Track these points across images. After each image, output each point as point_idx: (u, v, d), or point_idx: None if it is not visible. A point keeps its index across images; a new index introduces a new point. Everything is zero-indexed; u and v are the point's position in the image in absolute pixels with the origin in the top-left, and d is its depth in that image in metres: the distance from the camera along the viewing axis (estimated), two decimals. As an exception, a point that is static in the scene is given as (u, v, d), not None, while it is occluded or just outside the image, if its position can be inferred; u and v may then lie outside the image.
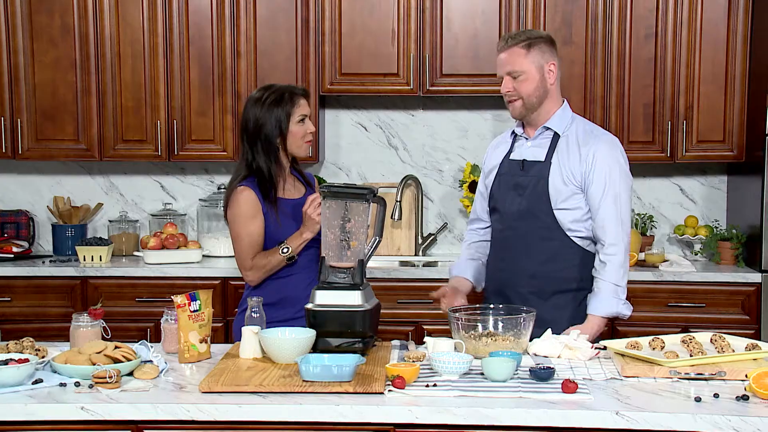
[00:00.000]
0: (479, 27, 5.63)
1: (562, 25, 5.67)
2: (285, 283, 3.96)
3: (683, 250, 6.09)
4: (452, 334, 3.48)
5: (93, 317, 3.45)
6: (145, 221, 6.24)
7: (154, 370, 3.15)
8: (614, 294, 3.75)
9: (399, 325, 5.41)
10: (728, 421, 2.75)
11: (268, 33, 5.75)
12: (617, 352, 3.36)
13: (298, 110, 3.94)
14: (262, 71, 5.76)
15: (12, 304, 5.59)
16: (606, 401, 2.91)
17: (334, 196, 3.42)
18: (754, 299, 5.38)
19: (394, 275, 5.55)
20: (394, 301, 5.49)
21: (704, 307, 5.41)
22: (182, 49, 5.78)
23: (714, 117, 5.66)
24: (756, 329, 5.36)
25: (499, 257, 3.97)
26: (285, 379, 3.04)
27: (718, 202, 6.09)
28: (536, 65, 3.78)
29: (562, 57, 5.57)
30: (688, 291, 5.43)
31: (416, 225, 6.13)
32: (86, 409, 2.85)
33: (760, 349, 3.31)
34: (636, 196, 6.12)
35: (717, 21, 5.61)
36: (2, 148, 5.86)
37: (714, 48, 5.62)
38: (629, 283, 5.27)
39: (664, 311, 5.42)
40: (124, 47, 5.79)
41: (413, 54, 5.71)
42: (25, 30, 5.79)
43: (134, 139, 5.85)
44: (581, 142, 3.81)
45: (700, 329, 4.65)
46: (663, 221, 6.14)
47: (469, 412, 2.83)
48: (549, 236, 3.82)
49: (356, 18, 5.73)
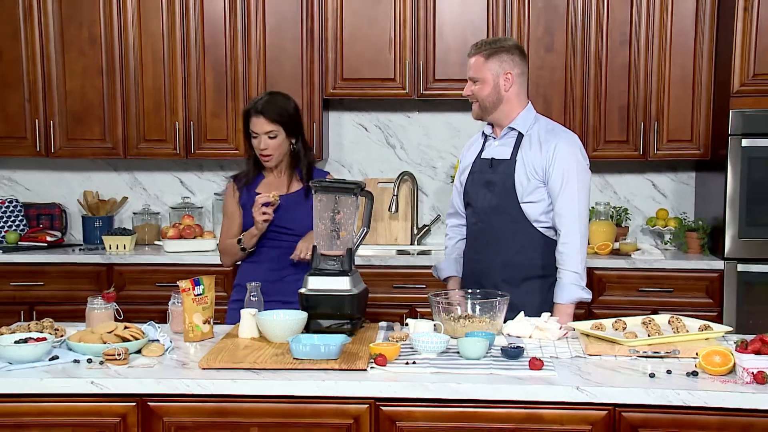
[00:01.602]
0: (469, 36, 5.60)
1: (545, 35, 5.65)
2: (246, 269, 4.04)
3: (655, 240, 6.07)
4: (433, 316, 3.48)
5: (106, 300, 3.46)
6: (165, 213, 6.25)
7: (160, 348, 3.16)
8: (575, 281, 3.72)
9: (394, 308, 5.40)
10: (677, 395, 2.75)
11: (276, 42, 5.75)
12: (583, 333, 3.35)
13: (249, 124, 3.92)
14: (270, 76, 5.76)
15: (45, 288, 5.61)
16: (569, 377, 2.90)
17: (325, 191, 3.42)
18: (717, 284, 5.36)
19: (390, 263, 5.54)
20: (390, 286, 5.49)
21: (672, 291, 5.39)
22: (198, 56, 5.78)
23: (682, 118, 5.63)
24: (718, 311, 5.34)
25: (474, 249, 3.97)
26: (277, 357, 3.05)
27: (687, 196, 6.07)
28: (493, 73, 3.78)
29: (545, 63, 5.64)
30: (657, 277, 5.41)
31: (412, 217, 6.13)
32: (96, 384, 2.86)
33: (712, 329, 3.30)
34: (612, 190, 6.11)
35: (685, 31, 5.58)
36: (37, 147, 5.89)
37: (683, 55, 5.60)
38: (604, 270, 5.42)
39: (635, 296, 5.41)
40: (146, 55, 5.80)
41: (408, 61, 5.70)
42: (57, 41, 5.81)
43: (155, 138, 5.85)
44: (543, 139, 3.80)
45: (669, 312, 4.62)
46: (637, 214, 6.13)
47: (442, 387, 2.83)
48: (518, 228, 3.81)
49: (356, 28, 5.72)
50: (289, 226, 3.91)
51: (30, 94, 5.85)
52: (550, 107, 5.63)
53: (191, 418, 2.89)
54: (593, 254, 5.56)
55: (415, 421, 2.86)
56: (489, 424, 2.84)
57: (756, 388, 2.75)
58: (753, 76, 5.27)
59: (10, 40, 5.81)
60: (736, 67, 5.28)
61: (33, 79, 5.83)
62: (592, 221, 5.70)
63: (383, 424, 2.87)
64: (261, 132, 3.89)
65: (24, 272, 5.62)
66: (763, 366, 2.79)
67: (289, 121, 3.92)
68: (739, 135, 5.26)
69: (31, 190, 6.35)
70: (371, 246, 6.04)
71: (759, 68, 5.27)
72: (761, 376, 2.78)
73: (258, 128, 3.88)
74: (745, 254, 5.33)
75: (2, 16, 5.80)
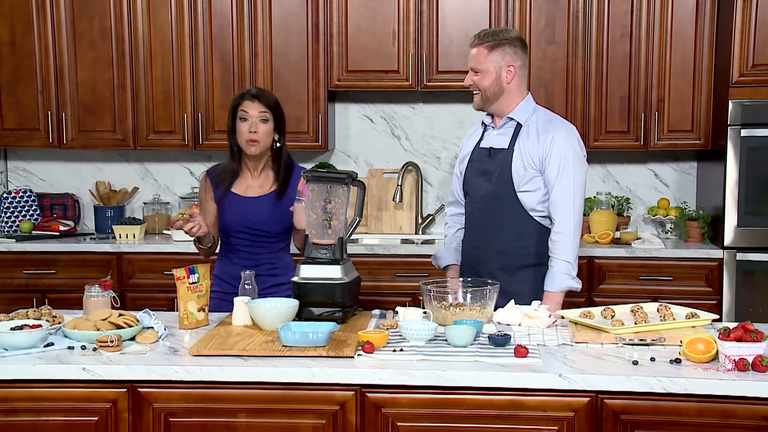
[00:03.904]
0: (471, 28, 5.54)
1: (546, 26, 5.61)
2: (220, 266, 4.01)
3: (656, 229, 6.02)
4: (424, 304, 3.46)
5: (103, 288, 3.45)
6: (175, 203, 6.25)
7: (154, 335, 3.15)
8: (566, 271, 3.69)
9: (397, 296, 5.37)
10: (659, 382, 2.72)
11: (282, 35, 5.73)
12: (571, 321, 3.33)
13: (240, 107, 3.84)
14: (276, 69, 5.75)
15: (57, 276, 5.63)
16: (553, 364, 2.87)
17: (317, 180, 3.40)
18: (716, 273, 5.32)
19: (393, 251, 5.52)
20: (393, 275, 5.47)
21: (672, 280, 5.35)
22: (206, 49, 5.77)
23: (683, 109, 5.58)
24: (718, 300, 5.30)
25: (471, 237, 3.95)
26: (267, 344, 3.03)
27: (688, 186, 6.02)
28: (495, 65, 3.75)
29: (547, 55, 5.61)
30: (657, 266, 5.37)
31: (416, 207, 6.10)
32: (87, 370, 2.85)
33: (699, 317, 3.26)
34: (614, 180, 6.06)
35: (686, 22, 5.53)
36: (50, 138, 5.90)
37: (683, 46, 5.55)
38: (604, 259, 5.38)
39: (635, 284, 5.36)
40: (155, 48, 5.80)
41: (412, 53, 5.67)
42: (69, 34, 5.82)
43: (164, 130, 5.86)
44: (540, 130, 3.77)
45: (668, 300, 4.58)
46: (639, 203, 6.08)
47: (428, 375, 2.80)
48: (514, 217, 3.78)
49: (361, 21, 5.69)
50: (264, 228, 3.87)
51: (43, 86, 5.86)
52: (551, 98, 5.59)
53: (181, 404, 2.88)
54: (594, 243, 5.52)
55: (400, 408, 2.84)
56: (473, 411, 2.81)
57: (737, 375, 2.72)
58: (752, 66, 5.22)
59: (23, 34, 5.83)
60: (736, 58, 5.22)
61: (45, 71, 5.85)
62: (593, 211, 5.67)
63: (369, 411, 2.85)
64: (254, 114, 3.82)
65: (37, 261, 5.64)
66: (745, 353, 2.76)
67: (279, 112, 3.89)
68: (738, 125, 5.20)
69: (45, 181, 6.36)
70: (376, 235, 6.03)
71: (758, 59, 5.21)
72: (742, 363, 2.74)
73: (252, 110, 3.82)
74: (744, 243, 5.28)
75: (16, 11, 5.81)
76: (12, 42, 5.84)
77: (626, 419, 2.77)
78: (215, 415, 2.88)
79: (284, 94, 5.66)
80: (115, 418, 2.89)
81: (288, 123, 5.68)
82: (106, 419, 2.89)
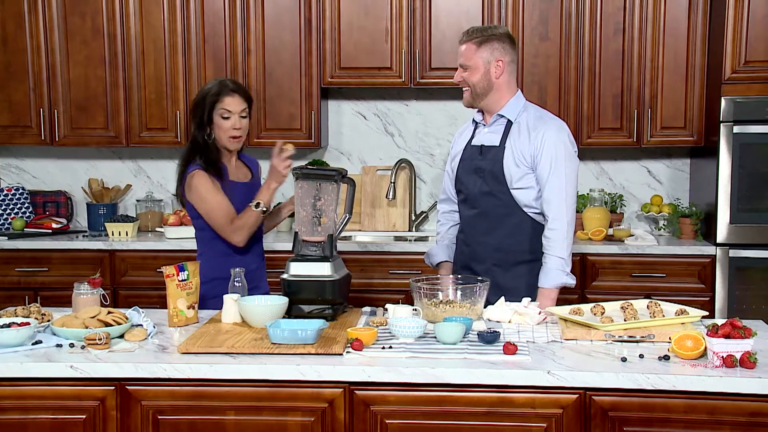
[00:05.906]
0: (464, 25, 5.51)
1: (539, 23, 5.60)
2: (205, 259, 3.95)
3: (650, 226, 6.02)
4: (414, 302, 3.45)
5: (92, 285, 3.44)
6: (168, 201, 6.24)
7: (142, 333, 3.15)
8: (560, 267, 3.70)
9: (391, 294, 5.37)
10: (647, 379, 2.72)
11: (274, 32, 5.72)
12: (561, 318, 3.33)
13: (221, 105, 3.81)
14: (269, 66, 5.74)
15: (49, 274, 5.61)
16: (542, 361, 2.87)
17: (306, 177, 3.40)
18: (709, 269, 5.31)
19: (387, 249, 5.51)
20: (386, 272, 5.47)
21: (665, 277, 5.34)
22: (199, 46, 5.76)
23: (676, 106, 5.58)
24: (710, 296, 5.29)
25: (466, 234, 3.95)
26: (256, 342, 3.03)
27: (682, 182, 6.02)
28: (483, 60, 3.76)
29: (540, 52, 5.60)
30: (650, 262, 5.36)
31: (410, 203, 6.10)
32: (75, 368, 2.85)
33: (688, 314, 3.26)
34: (608, 177, 6.06)
35: (678, 19, 5.53)
36: (42, 136, 5.89)
37: (676, 43, 5.54)
38: (597, 256, 5.37)
39: (628, 281, 5.36)
40: (148, 45, 5.78)
41: (405, 50, 5.67)
42: (61, 31, 5.81)
43: (157, 127, 5.84)
44: (531, 127, 3.77)
45: (661, 297, 4.59)
46: (632, 200, 6.08)
47: (416, 372, 2.80)
48: (508, 213, 3.79)
49: (353, 18, 5.68)
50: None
51: (35, 83, 5.85)
52: (544, 95, 5.59)
53: (169, 402, 2.88)
54: (587, 240, 5.52)
55: (389, 405, 2.84)
56: (462, 408, 2.81)
57: (724, 371, 2.72)
58: (744, 63, 5.21)
59: (15, 31, 5.81)
60: (728, 55, 5.22)
61: (38, 68, 5.83)
62: (586, 207, 5.66)
63: (357, 408, 2.85)
64: (237, 110, 3.82)
65: (29, 258, 5.63)
66: (733, 350, 2.76)
67: (252, 103, 3.95)
68: (730, 122, 5.20)
69: (37, 178, 6.35)
70: (369, 232, 6.03)
71: (750, 55, 5.21)
72: (730, 359, 2.74)
73: (234, 107, 3.81)
74: (736, 240, 5.27)
75: (7, 8, 5.80)
76: (4, 39, 5.82)
77: (615, 416, 2.77)
78: (204, 413, 2.88)
79: (277, 91, 5.66)
80: (103, 416, 2.89)
81: (281, 120, 5.75)
82: (95, 417, 2.89)
